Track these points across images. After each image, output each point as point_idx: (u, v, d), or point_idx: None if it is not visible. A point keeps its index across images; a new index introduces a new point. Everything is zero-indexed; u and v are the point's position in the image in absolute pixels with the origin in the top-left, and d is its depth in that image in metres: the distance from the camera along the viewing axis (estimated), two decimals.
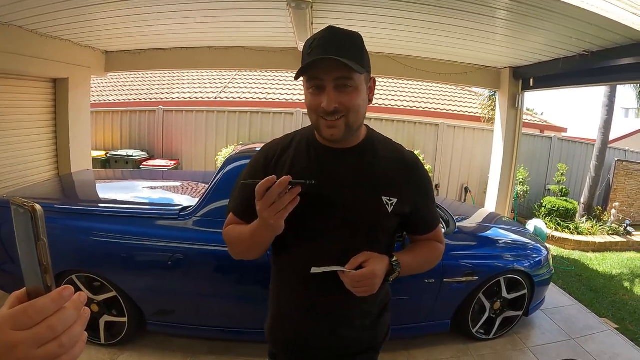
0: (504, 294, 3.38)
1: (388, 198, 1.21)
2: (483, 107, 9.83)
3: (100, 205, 3.39)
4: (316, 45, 1.09)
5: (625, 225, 7.99)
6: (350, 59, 1.07)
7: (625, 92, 10.06)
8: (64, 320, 0.51)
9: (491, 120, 8.49)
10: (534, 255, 3.54)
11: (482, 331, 3.44)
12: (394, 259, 1.22)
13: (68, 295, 0.53)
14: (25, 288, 0.54)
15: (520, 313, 3.52)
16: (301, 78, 1.13)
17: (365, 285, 1.13)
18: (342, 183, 1.19)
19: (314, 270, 1.12)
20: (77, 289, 2.70)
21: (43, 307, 0.51)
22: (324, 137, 1.17)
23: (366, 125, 1.29)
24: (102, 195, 3.98)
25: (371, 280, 1.13)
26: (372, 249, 1.20)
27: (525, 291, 3.44)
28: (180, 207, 2.93)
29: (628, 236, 7.78)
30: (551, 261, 3.72)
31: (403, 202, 1.23)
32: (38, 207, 0.51)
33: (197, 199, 2.96)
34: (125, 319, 2.91)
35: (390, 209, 1.21)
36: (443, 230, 3.28)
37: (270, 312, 1.39)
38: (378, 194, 1.21)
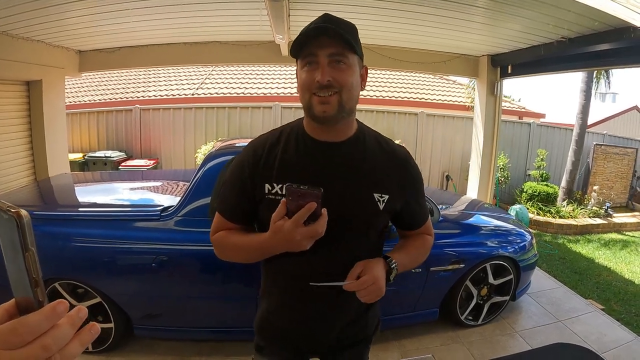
0: (491, 279, 3.41)
1: (380, 195, 1.19)
2: (468, 97, 9.90)
3: (80, 209, 3.32)
4: (315, 26, 1.09)
5: (606, 207, 8.15)
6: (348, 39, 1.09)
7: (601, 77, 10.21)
8: (58, 339, 0.47)
9: None
10: (518, 241, 3.57)
11: (470, 317, 3.47)
12: (390, 259, 1.21)
13: (62, 311, 0.48)
14: (13, 299, 0.50)
15: (507, 298, 3.57)
16: (290, 69, 1.12)
17: (371, 292, 1.12)
18: (334, 179, 1.17)
19: (314, 284, 1.13)
20: (60, 297, 2.60)
21: (35, 325, 0.46)
22: (315, 116, 1.14)
23: (357, 120, 1.27)
24: (82, 199, 3.89)
25: (375, 285, 1.12)
26: (360, 244, 1.21)
27: (511, 276, 3.48)
28: (162, 207, 2.87)
29: (609, 218, 7.95)
30: (535, 246, 3.76)
31: (394, 199, 1.22)
32: (24, 212, 0.46)
33: (178, 199, 2.91)
34: (111, 325, 2.85)
35: (381, 206, 1.19)
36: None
37: (261, 308, 1.37)
38: (370, 191, 1.19)
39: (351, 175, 1.19)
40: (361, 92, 1.22)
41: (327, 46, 1.08)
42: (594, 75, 9.81)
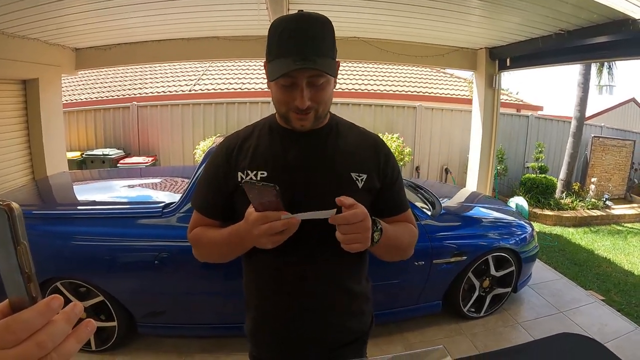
0: (492, 271, 3.43)
1: (357, 174, 1.19)
2: (470, 91, 9.86)
3: (79, 207, 3.30)
4: (287, 37, 1.05)
5: (604, 199, 8.18)
6: (324, 54, 1.05)
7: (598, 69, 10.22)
8: (53, 335, 0.45)
9: None
10: (519, 232, 3.59)
11: (473, 310, 3.49)
12: (376, 219, 1.14)
13: (57, 306, 0.46)
14: (7, 300, 0.47)
15: (509, 290, 3.58)
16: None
17: (358, 230, 1.03)
18: (310, 164, 1.18)
19: (299, 216, 1.02)
20: (63, 297, 2.60)
21: (28, 321, 0.44)
22: (293, 127, 1.15)
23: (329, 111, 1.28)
24: (81, 197, 3.88)
25: (365, 223, 1.03)
26: None
27: (513, 268, 3.50)
28: (164, 204, 2.86)
29: (607, 210, 7.97)
30: (536, 237, 3.77)
31: (373, 178, 1.22)
32: (15, 205, 0.44)
33: (179, 195, 2.90)
34: (114, 323, 2.85)
35: (360, 185, 1.19)
36: (429, 212, 3.32)
37: (250, 315, 1.34)
38: (347, 171, 1.19)
39: (326, 158, 1.20)
40: (359, 87, 1.21)
41: (307, 70, 1.04)
42: (597, 69, 9.81)
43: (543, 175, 8.37)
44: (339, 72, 1.20)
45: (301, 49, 1.03)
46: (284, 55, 1.04)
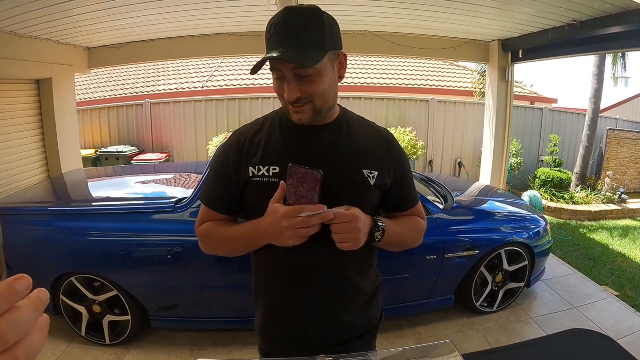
0: (505, 266, 3.40)
1: (369, 171, 1.19)
2: (474, 82, 9.75)
3: (94, 204, 3.34)
4: (273, 32, 1.04)
5: (620, 193, 8.06)
6: (306, 44, 1.03)
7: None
8: (17, 325, 0.35)
9: (483, 95, 8.45)
10: (533, 227, 3.55)
11: (485, 304, 3.46)
12: (377, 218, 1.18)
13: (23, 289, 0.35)
14: None
15: (522, 284, 3.55)
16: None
17: (346, 229, 1.07)
18: (322, 160, 1.16)
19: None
20: (78, 291, 2.59)
21: None
22: (293, 120, 1.15)
23: (339, 105, 1.27)
24: (95, 194, 3.92)
25: (353, 224, 1.07)
26: None
27: (526, 262, 3.46)
28: (176, 199, 2.89)
29: (623, 204, 7.85)
30: (550, 232, 3.73)
31: (384, 175, 1.21)
32: None
33: (192, 190, 2.92)
34: (128, 317, 2.89)
35: (372, 182, 1.19)
36: (441, 206, 3.31)
37: (260, 310, 1.34)
38: (359, 168, 1.18)
39: (338, 154, 1.19)
40: (371, 80, 1.20)
41: (290, 61, 1.03)
42: (612, 60, 9.65)
43: (558, 169, 8.28)
44: (349, 65, 1.19)
45: (280, 41, 1.03)
46: (269, 49, 1.05)
